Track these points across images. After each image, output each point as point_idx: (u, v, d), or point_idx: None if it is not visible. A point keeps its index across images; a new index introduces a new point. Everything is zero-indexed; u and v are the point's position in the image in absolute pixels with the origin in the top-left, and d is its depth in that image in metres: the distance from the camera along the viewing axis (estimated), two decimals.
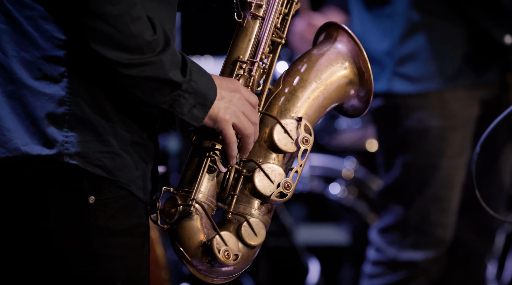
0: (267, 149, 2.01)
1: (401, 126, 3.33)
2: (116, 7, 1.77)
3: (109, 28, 1.77)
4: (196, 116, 1.88)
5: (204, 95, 1.87)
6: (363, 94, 2.08)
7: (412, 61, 3.28)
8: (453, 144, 3.31)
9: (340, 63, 2.08)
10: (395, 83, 3.30)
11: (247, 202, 1.99)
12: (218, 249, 1.93)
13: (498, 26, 3.23)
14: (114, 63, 1.80)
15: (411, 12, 3.26)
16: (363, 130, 4.64)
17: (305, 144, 2.00)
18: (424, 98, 3.29)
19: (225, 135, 1.92)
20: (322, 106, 2.06)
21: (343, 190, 4.56)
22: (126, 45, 1.79)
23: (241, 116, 1.92)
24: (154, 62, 1.81)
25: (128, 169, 1.87)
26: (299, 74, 2.06)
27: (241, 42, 2.01)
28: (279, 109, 2.03)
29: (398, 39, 3.28)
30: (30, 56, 1.84)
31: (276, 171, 1.99)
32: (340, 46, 2.08)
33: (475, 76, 3.28)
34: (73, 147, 1.83)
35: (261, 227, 1.98)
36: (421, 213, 3.35)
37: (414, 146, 3.32)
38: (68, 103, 1.83)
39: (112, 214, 1.86)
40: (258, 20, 2.02)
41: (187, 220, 1.93)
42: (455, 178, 3.34)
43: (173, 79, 1.83)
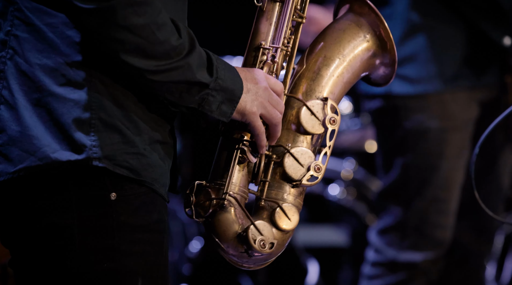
0: (295, 132, 2.02)
1: (400, 128, 3.34)
2: (142, 17, 1.80)
3: (136, 38, 1.80)
4: (225, 112, 1.90)
5: (231, 91, 1.90)
6: (388, 61, 2.09)
7: (411, 62, 3.29)
8: (452, 145, 3.32)
9: (362, 37, 2.08)
10: (395, 84, 3.32)
11: (278, 187, 2.01)
12: (254, 239, 1.96)
13: (497, 27, 3.24)
14: (143, 71, 1.83)
15: (410, 14, 3.27)
16: (362, 132, 4.64)
17: (333, 124, 2.01)
18: (423, 100, 3.30)
19: (254, 127, 1.94)
20: (347, 82, 2.06)
21: (342, 191, 4.57)
22: (154, 52, 1.82)
23: (268, 107, 1.94)
24: (182, 66, 1.85)
25: (152, 168, 1.90)
26: (322, 51, 2.06)
27: (263, 26, 2.02)
28: (304, 90, 2.04)
29: (398, 40, 3.29)
30: (53, 62, 1.86)
31: (305, 154, 2.00)
32: (360, 18, 2.08)
33: (475, 77, 3.29)
34: (101, 150, 1.86)
35: (294, 211, 2.01)
36: (420, 214, 3.36)
37: (414, 147, 3.33)
38: (93, 108, 1.86)
39: (133, 210, 1.89)
40: (278, 3, 2.03)
41: (221, 212, 1.96)
42: (454, 179, 3.34)
43: (201, 80, 1.86)
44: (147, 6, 1.81)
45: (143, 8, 1.80)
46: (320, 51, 2.06)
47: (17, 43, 1.87)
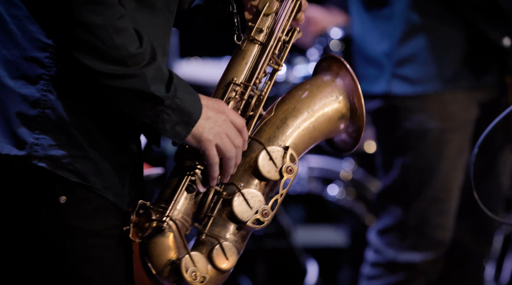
0: (250, 174, 2.00)
1: (400, 128, 3.34)
2: (100, 17, 1.77)
3: (91, 37, 1.77)
4: (179, 133, 1.87)
5: (188, 113, 1.87)
6: (353, 130, 2.09)
7: (411, 63, 3.30)
8: (452, 146, 3.32)
9: (334, 97, 2.07)
10: (394, 84, 3.32)
11: (223, 225, 1.99)
12: (186, 268, 1.92)
13: (496, 28, 3.24)
14: (95, 73, 1.80)
15: (410, 14, 3.27)
16: None
17: (289, 173, 2.00)
18: (423, 100, 3.31)
19: (208, 156, 1.91)
20: (311, 137, 2.06)
21: (341, 191, 4.57)
22: (109, 56, 1.79)
23: (225, 138, 1.92)
24: (137, 75, 1.81)
25: (104, 175, 1.87)
26: (293, 102, 2.06)
27: (238, 64, 2.01)
28: (268, 136, 2.03)
29: (397, 41, 3.30)
30: (10, 54, 1.84)
31: (256, 197, 1.99)
32: (337, 79, 2.09)
33: (474, 78, 3.30)
34: (43, 149, 1.83)
35: (233, 251, 1.98)
36: (420, 215, 3.36)
37: (413, 147, 3.34)
38: (42, 106, 1.84)
39: (85, 214, 1.87)
40: (257, 45, 2.02)
41: (159, 236, 1.91)
42: (454, 180, 3.35)
43: (154, 93, 1.83)
44: (107, 8, 1.78)
45: (101, 8, 1.77)
46: (291, 102, 2.06)
47: None
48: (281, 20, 2.03)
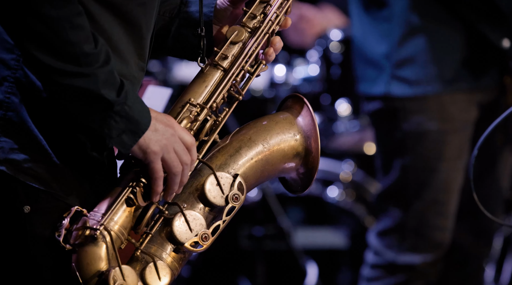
0: (196, 197, 1.97)
1: (399, 129, 3.35)
2: (57, 10, 1.73)
3: (46, 30, 1.73)
4: (125, 142, 1.83)
5: (136, 122, 1.82)
6: (304, 171, 2.06)
7: (410, 64, 3.30)
8: (451, 147, 3.33)
9: (292, 134, 2.06)
10: (393, 86, 3.32)
11: (160, 244, 1.94)
12: (114, 281, 1.85)
13: (496, 30, 3.25)
14: (47, 68, 1.76)
15: (409, 15, 3.28)
16: (361, 133, 4.65)
17: (235, 201, 1.98)
18: (422, 102, 3.31)
19: (152, 169, 1.86)
20: (263, 170, 2.04)
21: (341, 193, 4.57)
22: (62, 51, 1.75)
23: (171, 153, 1.87)
24: (88, 75, 1.77)
25: (66, 180, 1.84)
26: (249, 134, 2.04)
27: (197, 87, 1.98)
28: (219, 163, 2.00)
29: (397, 42, 3.30)
30: None
31: (198, 220, 1.95)
32: (298, 118, 2.07)
33: (473, 79, 3.30)
34: (3, 152, 1.80)
35: (167, 272, 1.93)
36: (419, 216, 3.37)
37: (413, 149, 3.34)
38: (5, 108, 1.81)
39: (50, 223, 1.84)
40: (220, 70, 1.99)
41: (91, 244, 1.85)
42: (453, 181, 3.35)
43: (105, 96, 1.79)
44: (65, 2, 1.74)
45: (60, 1, 1.73)
46: (248, 133, 2.04)
47: None
48: (248, 51, 2.01)
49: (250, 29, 2.03)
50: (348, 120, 4.63)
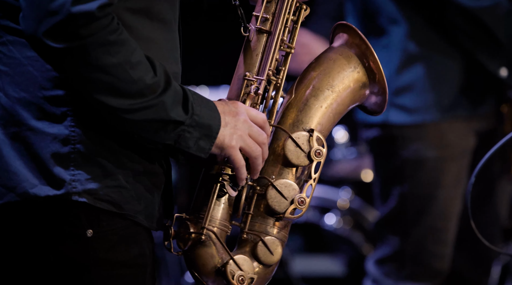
0: (280, 164, 2.01)
1: (397, 157, 3.36)
2: (115, 56, 1.78)
3: (109, 77, 1.78)
4: (203, 148, 1.89)
5: (208, 126, 1.89)
6: (377, 90, 2.08)
7: (408, 92, 3.33)
8: (449, 175, 3.34)
9: (352, 68, 2.07)
10: (392, 113, 3.34)
11: (262, 219, 2.00)
12: (232, 274, 1.95)
13: (493, 58, 3.28)
14: (116, 110, 1.81)
15: (407, 44, 3.31)
16: (358, 161, 4.66)
17: (318, 156, 2.01)
18: (420, 129, 3.33)
19: (233, 161, 1.93)
20: (336, 113, 2.06)
21: (338, 220, 4.58)
22: (128, 91, 1.80)
23: (248, 140, 1.93)
24: (156, 104, 1.83)
25: (136, 200, 1.89)
26: (311, 82, 2.06)
27: (249, 57, 2.02)
28: (291, 121, 2.03)
29: (395, 70, 3.33)
30: (31, 96, 1.85)
31: (289, 186, 1.99)
32: (351, 49, 2.08)
33: (471, 107, 3.33)
34: (81, 184, 1.85)
35: (277, 244, 2.00)
36: (418, 244, 3.37)
37: (411, 176, 3.36)
38: (72, 142, 1.85)
39: (111, 245, 1.88)
40: (265, 34, 2.02)
41: (200, 246, 1.95)
42: (452, 209, 3.37)
43: (175, 118, 1.85)
44: (120, 46, 1.79)
45: (116, 47, 1.78)
46: (309, 81, 2.06)
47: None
48: (286, 4, 2.03)
49: None
50: (345, 147, 4.65)
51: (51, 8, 1.73)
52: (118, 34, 1.78)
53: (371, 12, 3.35)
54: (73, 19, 1.73)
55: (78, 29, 1.74)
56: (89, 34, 1.75)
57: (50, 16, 1.73)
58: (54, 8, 1.73)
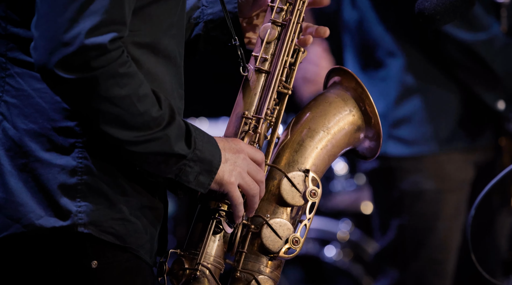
0: (275, 203, 2.03)
1: (396, 189, 3.37)
2: (124, 89, 1.81)
3: (117, 109, 1.81)
4: (203, 183, 1.91)
5: (209, 162, 1.91)
6: (372, 135, 2.11)
7: (406, 124, 3.34)
8: (448, 207, 3.35)
9: (347, 111, 2.10)
10: (390, 146, 3.36)
11: (255, 258, 2.02)
12: None
13: (490, 91, 3.30)
14: (121, 142, 1.84)
15: (405, 76, 3.33)
16: (358, 193, 4.67)
17: (313, 197, 2.03)
18: (419, 161, 3.34)
19: (231, 197, 1.95)
20: (331, 154, 2.09)
21: (338, 252, 4.58)
22: (134, 123, 1.83)
23: (246, 177, 1.95)
24: (161, 137, 1.86)
25: (139, 234, 1.91)
26: (307, 123, 2.09)
27: (247, 96, 2.04)
28: (287, 161, 2.06)
29: (393, 102, 3.34)
30: (40, 127, 1.88)
31: (284, 225, 2.01)
32: (347, 92, 2.12)
33: (469, 139, 3.34)
34: (87, 216, 1.87)
35: (269, 284, 2.01)
36: (417, 276, 3.37)
37: (409, 208, 3.36)
38: (79, 173, 1.87)
39: (116, 277, 1.90)
40: (263, 74, 2.05)
41: (194, 283, 1.96)
42: (451, 241, 3.36)
43: (179, 152, 1.87)
44: (129, 78, 1.82)
45: (125, 80, 1.81)
46: (305, 122, 2.09)
47: (6, 108, 1.89)
48: (285, 46, 2.06)
49: (281, 24, 2.07)
50: (345, 179, 4.65)
51: (64, 39, 1.76)
52: (128, 67, 1.82)
53: (369, 45, 3.38)
54: (85, 51, 1.76)
55: (90, 60, 1.77)
56: (101, 66, 1.78)
57: (63, 47, 1.76)
58: (68, 39, 1.76)
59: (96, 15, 1.77)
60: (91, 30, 1.76)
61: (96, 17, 1.77)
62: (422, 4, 2.11)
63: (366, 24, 3.36)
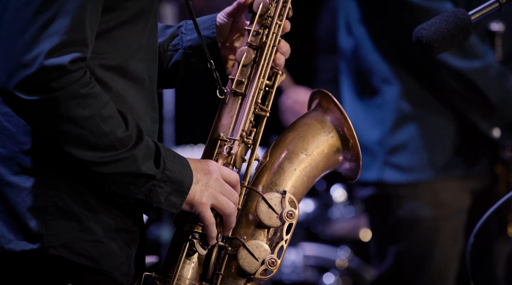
0: (252, 225, 2.04)
1: (393, 216, 3.38)
2: (86, 109, 1.82)
3: (80, 130, 1.82)
4: (174, 203, 1.92)
5: (180, 182, 1.92)
6: (350, 157, 2.13)
7: (403, 151, 3.36)
8: (445, 234, 3.36)
9: (326, 133, 2.12)
10: (387, 172, 3.37)
11: (232, 280, 2.02)
12: None
13: (486, 119, 3.32)
14: (86, 163, 1.85)
15: (401, 103, 3.35)
16: (356, 220, 4.68)
17: (290, 218, 2.04)
18: (415, 188, 3.36)
19: (203, 218, 1.95)
20: (310, 176, 2.10)
21: (337, 280, 4.58)
22: (98, 144, 1.84)
23: (220, 197, 1.96)
24: (127, 157, 1.86)
25: (112, 256, 1.91)
26: (286, 146, 2.11)
27: (224, 119, 2.06)
28: (265, 183, 2.07)
29: (389, 129, 3.36)
30: (8, 151, 1.89)
31: (260, 247, 2.02)
32: (326, 115, 2.14)
33: (466, 167, 3.35)
34: (57, 238, 1.87)
35: None
36: None
37: (407, 235, 3.37)
38: (49, 195, 1.88)
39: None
40: (240, 97, 2.07)
41: None
42: (448, 268, 3.37)
43: (146, 172, 1.88)
44: (92, 99, 1.83)
45: (88, 100, 1.82)
46: (285, 145, 2.11)
47: None
48: (261, 69, 2.08)
49: (257, 46, 2.10)
50: (343, 206, 4.66)
51: (24, 61, 1.77)
52: (90, 88, 1.83)
53: (365, 72, 3.41)
54: (45, 72, 1.77)
55: (50, 81, 1.78)
56: (61, 86, 1.79)
57: (23, 69, 1.77)
58: (27, 61, 1.77)
59: (56, 36, 1.77)
60: (50, 51, 1.77)
61: (55, 38, 1.77)
62: (420, 32, 2.13)
63: (362, 51, 3.39)
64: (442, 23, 2.12)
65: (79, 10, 1.79)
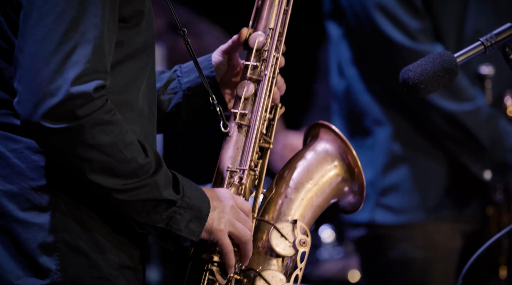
0: (265, 255, 2.08)
1: (384, 257, 3.42)
2: (110, 136, 1.86)
3: (104, 157, 1.86)
4: (194, 230, 1.95)
5: (198, 208, 1.95)
6: (357, 188, 2.19)
7: (394, 192, 3.40)
8: (436, 276, 3.39)
9: (330, 162, 2.17)
10: (378, 214, 3.41)
11: None
12: None
13: (477, 161, 3.38)
14: (110, 190, 1.89)
15: (392, 144, 3.40)
16: (345, 260, 4.68)
17: (303, 245, 2.07)
18: (407, 230, 3.40)
19: (222, 245, 1.99)
20: (317, 206, 2.14)
21: None
22: (121, 171, 1.88)
23: (237, 224, 1.99)
24: (149, 184, 1.90)
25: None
26: (292, 176, 2.15)
27: (230, 151, 2.10)
28: (274, 214, 2.11)
29: (381, 170, 3.41)
30: (18, 188, 1.93)
31: (276, 276, 2.05)
32: (328, 145, 2.19)
33: (457, 209, 3.40)
34: (66, 274, 1.90)
35: None
36: None
37: (398, 276, 3.40)
38: (58, 231, 1.92)
39: None
40: (244, 129, 2.12)
41: None
42: None
43: (168, 198, 1.92)
44: (115, 125, 1.87)
45: (111, 127, 1.87)
46: (289, 176, 2.15)
47: None
48: (262, 101, 2.13)
49: (257, 79, 2.15)
50: (332, 247, 4.67)
51: (49, 90, 1.82)
52: (112, 115, 1.88)
53: (357, 113, 3.45)
54: (71, 100, 1.83)
55: (76, 109, 1.83)
56: (86, 114, 1.84)
57: (49, 98, 1.82)
58: (52, 89, 1.82)
59: (79, 65, 1.83)
60: (75, 79, 1.82)
61: (79, 66, 1.83)
62: (406, 73, 2.17)
63: (353, 93, 3.44)
64: (428, 65, 2.16)
65: (100, 39, 1.85)
